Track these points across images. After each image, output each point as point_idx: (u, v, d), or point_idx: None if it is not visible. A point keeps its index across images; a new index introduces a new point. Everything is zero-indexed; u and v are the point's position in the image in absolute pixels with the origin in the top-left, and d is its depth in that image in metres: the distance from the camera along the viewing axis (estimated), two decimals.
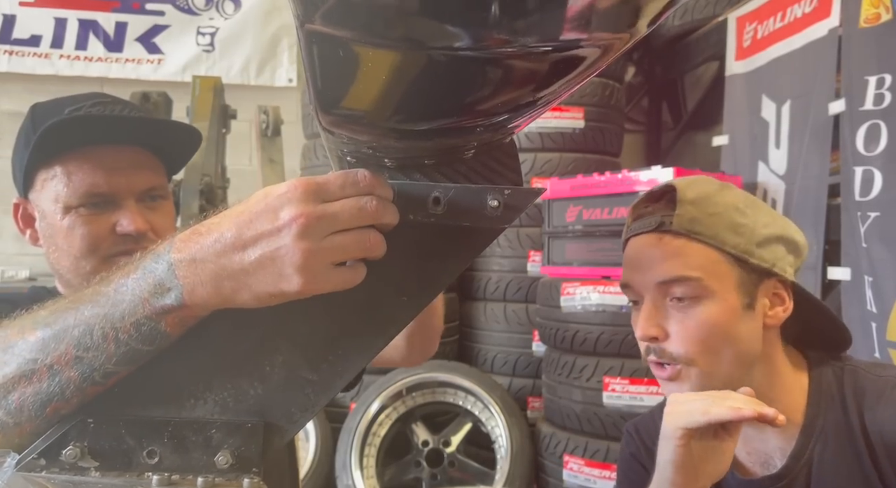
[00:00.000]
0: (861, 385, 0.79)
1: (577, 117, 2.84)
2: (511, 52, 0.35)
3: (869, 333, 1.79)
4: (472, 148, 0.50)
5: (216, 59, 3.53)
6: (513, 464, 2.44)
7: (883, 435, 0.74)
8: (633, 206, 0.85)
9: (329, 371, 0.52)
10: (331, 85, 0.41)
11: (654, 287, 0.78)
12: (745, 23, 2.59)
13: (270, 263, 0.46)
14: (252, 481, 0.49)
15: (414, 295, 0.53)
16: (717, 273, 0.77)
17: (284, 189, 0.47)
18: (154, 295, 0.48)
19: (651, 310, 0.78)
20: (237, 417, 0.51)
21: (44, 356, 0.49)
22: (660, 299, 0.78)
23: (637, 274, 0.80)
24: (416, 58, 0.37)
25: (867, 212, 1.81)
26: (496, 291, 2.85)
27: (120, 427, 0.50)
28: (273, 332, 0.52)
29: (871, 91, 1.79)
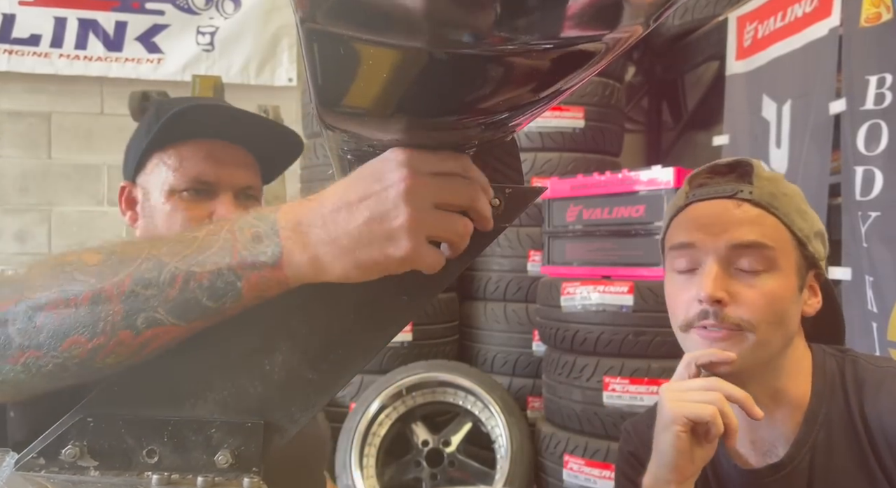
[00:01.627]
0: (861, 375, 0.80)
1: (578, 117, 2.83)
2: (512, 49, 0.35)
3: (870, 333, 1.79)
4: (473, 146, 0.50)
5: (216, 58, 3.52)
6: (513, 464, 2.44)
7: (883, 425, 0.75)
8: (692, 176, 0.83)
9: (329, 370, 0.52)
10: (331, 83, 0.40)
11: (726, 249, 0.77)
12: (746, 22, 2.59)
13: (378, 225, 0.45)
14: (252, 481, 0.49)
15: (414, 294, 0.53)
16: (785, 250, 0.78)
17: (390, 155, 0.46)
18: (248, 247, 0.46)
19: (719, 272, 0.76)
20: (237, 417, 0.51)
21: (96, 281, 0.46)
22: (727, 264, 0.77)
23: (707, 234, 0.78)
24: (417, 56, 0.37)
25: (868, 211, 1.80)
26: (496, 291, 2.85)
27: (119, 426, 0.50)
28: (273, 332, 0.52)
29: (872, 90, 1.79)
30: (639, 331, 2.17)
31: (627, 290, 2.19)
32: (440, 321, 2.87)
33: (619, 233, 2.26)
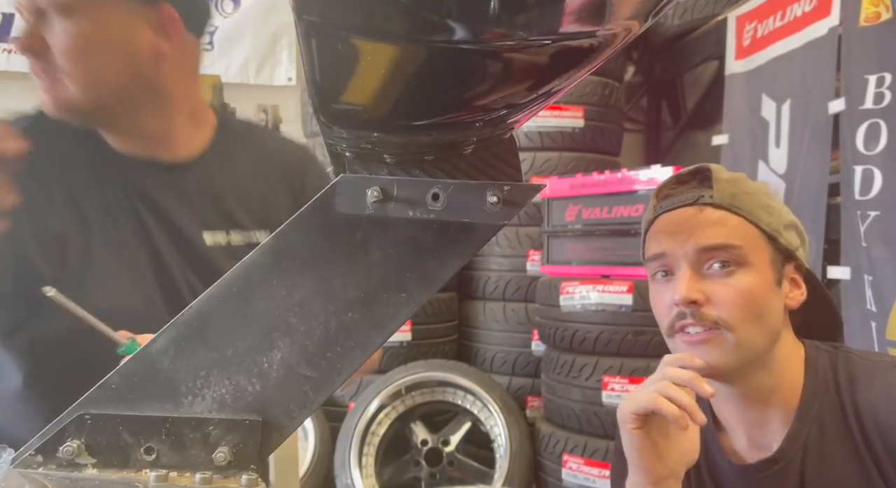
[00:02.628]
0: (854, 369, 0.81)
1: (577, 116, 2.84)
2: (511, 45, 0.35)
3: (868, 332, 1.79)
4: (472, 143, 0.50)
5: (215, 57, 3.52)
6: (512, 464, 2.44)
7: (876, 418, 0.76)
8: (658, 189, 0.86)
9: (327, 368, 0.52)
10: (329, 79, 0.40)
11: (694, 253, 0.79)
12: (745, 22, 2.59)
13: None
14: (250, 478, 0.49)
15: (412, 291, 0.53)
16: (755, 246, 0.80)
17: None
18: None
19: (691, 274, 0.79)
20: (235, 414, 0.51)
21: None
22: (698, 266, 0.79)
23: (675, 241, 0.80)
24: (416, 51, 0.36)
25: (867, 211, 1.80)
26: (495, 290, 2.85)
27: (117, 423, 0.50)
28: (271, 329, 0.52)
29: (871, 90, 1.79)
30: (638, 330, 2.17)
31: (627, 290, 2.19)
32: (439, 320, 2.87)
33: (618, 233, 2.27)
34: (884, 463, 0.75)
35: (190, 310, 0.51)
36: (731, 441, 0.87)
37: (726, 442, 0.87)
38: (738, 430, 0.85)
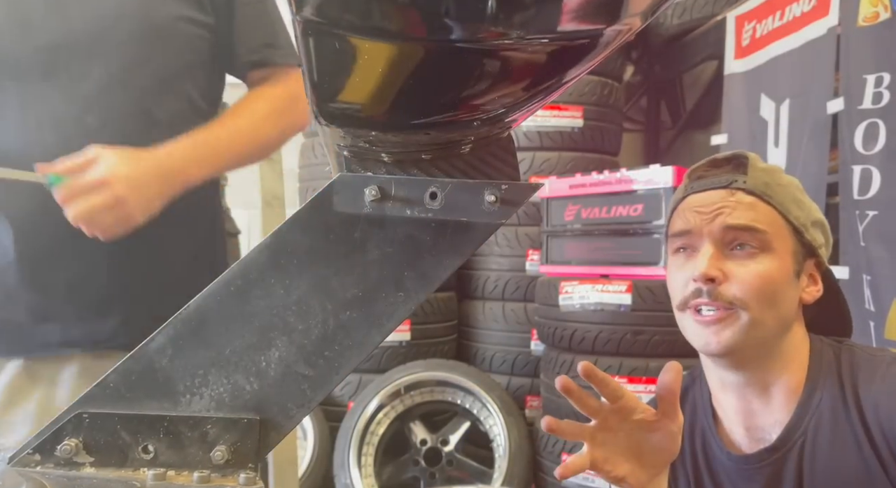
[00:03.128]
0: (857, 362, 0.82)
1: (576, 116, 2.84)
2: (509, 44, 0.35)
3: (867, 332, 1.79)
4: (470, 142, 0.50)
5: None
6: (511, 463, 2.44)
7: (877, 411, 0.77)
8: (692, 170, 0.87)
9: (325, 366, 0.52)
10: (327, 78, 0.40)
11: (720, 231, 0.80)
12: (744, 21, 2.60)
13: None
14: (248, 476, 0.49)
15: (411, 290, 0.53)
16: (780, 235, 0.81)
17: None
18: None
19: (714, 252, 0.80)
20: (233, 413, 0.51)
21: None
22: (722, 246, 0.81)
23: (703, 219, 0.81)
24: (414, 50, 0.37)
25: (865, 210, 1.81)
26: (494, 290, 2.85)
27: (115, 422, 0.50)
28: (269, 328, 0.52)
29: (870, 89, 1.79)
30: (637, 330, 2.17)
31: (626, 289, 2.19)
32: (438, 320, 2.87)
33: (617, 233, 2.27)
34: (884, 455, 0.75)
35: (188, 309, 0.52)
36: (728, 432, 0.87)
37: (724, 434, 0.88)
38: (737, 421, 0.86)
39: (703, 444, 0.89)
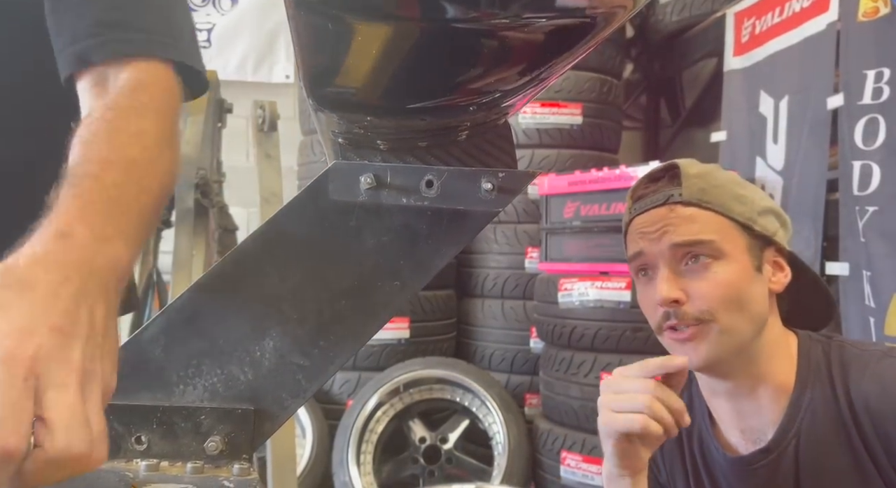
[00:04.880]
0: (847, 358, 0.81)
1: (576, 113, 2.83)
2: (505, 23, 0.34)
3: (867, 328, 1.78)
4: (466, 129, 0.49)
5: (212, 55, 3.51)
6: (510, 461, 2.43)
7: (868, 407, 0.76)
8: (632, 190, 0.87)
9: (320, 356, 0.51)
10: (321, 61, 0.40)
11: (669, 251, 0.80)
12: (744, 18, 2.59)
13: None
14: (242, 467, 0.49)
15: (406, 279, 0.52)
16: (728, 237, 0.80)
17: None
18: None
19: (669, 274, 0.80)
20: (227, 403, 0.50)
21: None
22: (675, 264, 0.80)
23: (650, 241, 0.82)
24: (408, 30, 0.36)
25: (865, 206, 1.80)
26: (494, 288, 2.85)
27: (107, 412, 0.49)
28: (264, 318, 0.51)
29: (870, 85, 1.79)
30: (636, 326, 2.16)
31: (625, 286, 2.18)
32: (438, 318, 2.86)
33: (616, 229, 2.25)
34: (876, 451, 0.75)
35: (181, 299, 0.51)
36: (725, 434, 0.87)
37: (721, 436, 0.87)
38: (731, 423, 0.85)
39: (700, 446, 0.89)
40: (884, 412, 0.74)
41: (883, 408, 0.75)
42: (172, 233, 1.68)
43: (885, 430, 0.74)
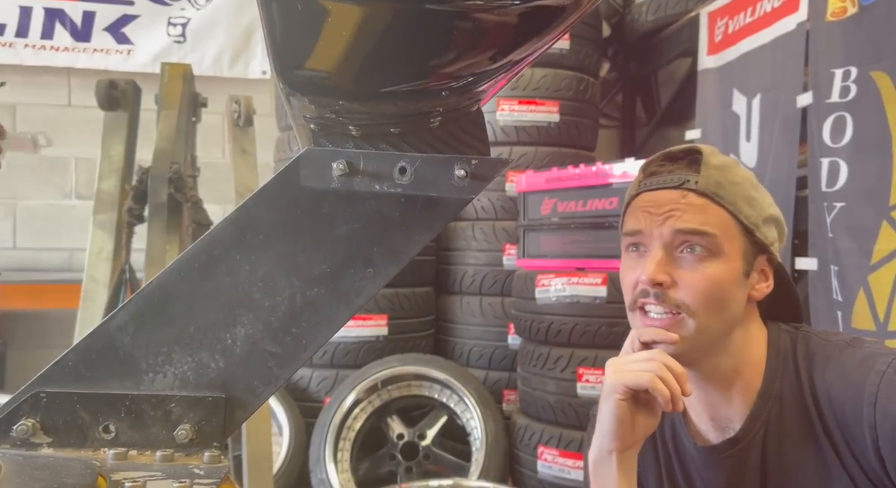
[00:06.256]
0: (812, 349, 0.82)
1: (553, 111, 2.85)
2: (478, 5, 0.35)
3: (835, 322, 1.82)
4: (439, 115, 0.49)
5: (188, 50, 3.46)
6: (487, 456, 2.44)
7: (830, 396, 0.77)
8: (646, 164, 0.86)
9: (293, 343, 0.51)
10: (290, 43, 0.40)
11: (670, 235, 0.80)
12: (717, 18, 2.63)
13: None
14: (213, 455, 0.48)
15: (380, 266, 0.52)
16: (729, 236, 0.80)
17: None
18: None
19: (663, 256, 0.80)
20: (198, 391, 0.50)
21: None
22: (671, 249, 0.80)
23: (653, 221, 0.81)
24: (381, 11, 0.36)
25: (833, 202, 1.84)
26: (472, 285, 2.85)
27: (74, 401, 0.48)
28: (235, 304, 0.51)
29: (838, 83, 1.82)
30: (612, 322, 2.19)
31: (601, 282, 2.20)
32: (416, 315, 2.86)
33: (593, 226, 2.28)
34: (837, 441, 0.76)
35: (151, 285, 0.50)
36: (696, 422, 0.88)
37: (692, 425, 0.88)
38: (702, 412, 0.86)
39: (672, 435, 0.90)
40: (843, 401, 0.75)
41: (843, 398, 0.76)
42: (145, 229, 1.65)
43: (844, 418, 0.75)
